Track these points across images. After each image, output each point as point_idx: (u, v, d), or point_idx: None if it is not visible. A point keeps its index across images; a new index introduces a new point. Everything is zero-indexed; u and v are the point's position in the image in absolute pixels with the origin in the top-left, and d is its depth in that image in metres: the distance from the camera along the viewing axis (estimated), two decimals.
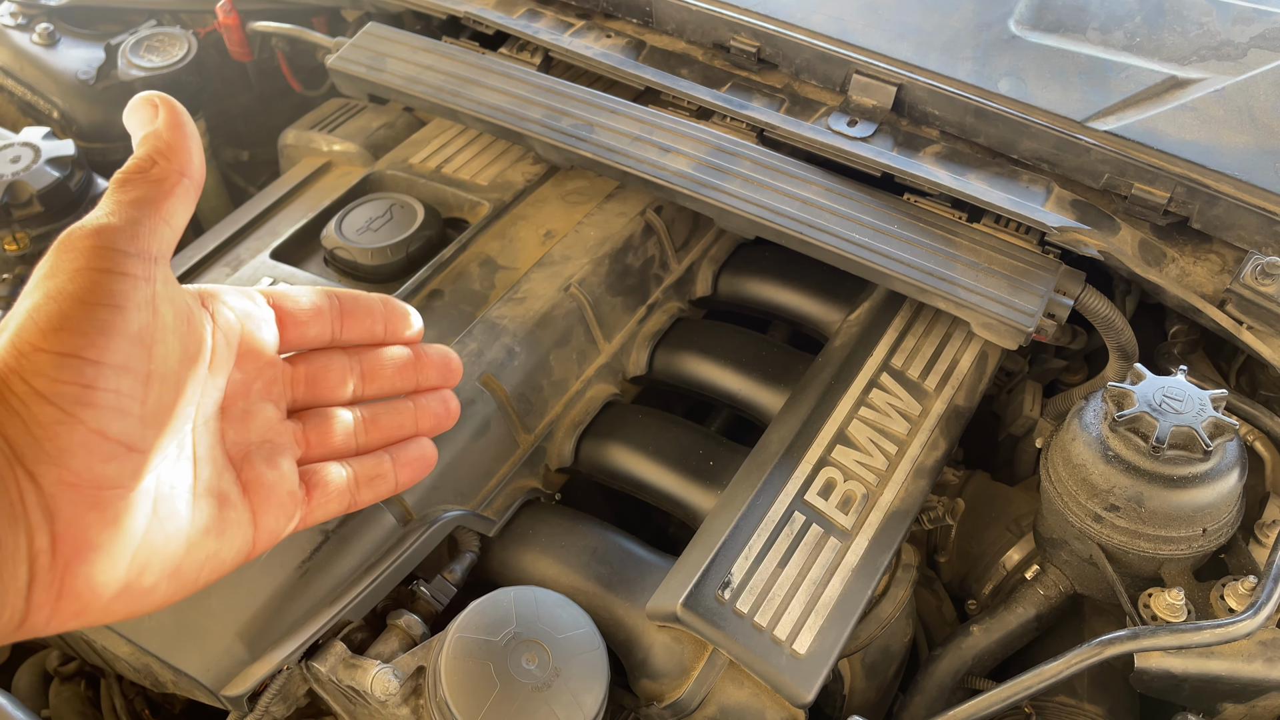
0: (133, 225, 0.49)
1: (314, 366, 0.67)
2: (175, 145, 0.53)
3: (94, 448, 0.46)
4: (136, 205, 0.50)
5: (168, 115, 0.54)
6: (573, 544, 0.99)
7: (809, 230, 1.05)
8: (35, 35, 1.49)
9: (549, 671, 0.83)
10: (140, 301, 0.47)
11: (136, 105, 0.55)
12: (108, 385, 0.46)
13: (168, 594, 0.51)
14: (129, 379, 0.47)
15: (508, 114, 1.18)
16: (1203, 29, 1.13)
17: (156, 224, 0.50)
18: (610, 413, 1.12)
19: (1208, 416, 0.89)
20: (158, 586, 0.50)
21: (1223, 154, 1.03)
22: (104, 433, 0.46)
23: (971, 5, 1.17)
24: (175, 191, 0.52)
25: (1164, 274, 1.04)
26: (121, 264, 0.47)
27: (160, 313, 0.49)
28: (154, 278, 0.49)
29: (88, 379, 0.45)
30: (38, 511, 0.45)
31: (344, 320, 0.66)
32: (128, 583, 0.49)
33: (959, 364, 1.09)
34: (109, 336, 0.46)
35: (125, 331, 0.46)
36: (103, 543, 0.47)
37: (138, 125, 0.54)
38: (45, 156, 1.27)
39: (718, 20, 1.21)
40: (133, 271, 0.48)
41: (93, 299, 0.46)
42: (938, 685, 1.02)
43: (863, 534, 0.95)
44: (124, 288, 0.47)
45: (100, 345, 0.46)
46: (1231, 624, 0.84)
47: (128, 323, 0.47)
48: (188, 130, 0.54)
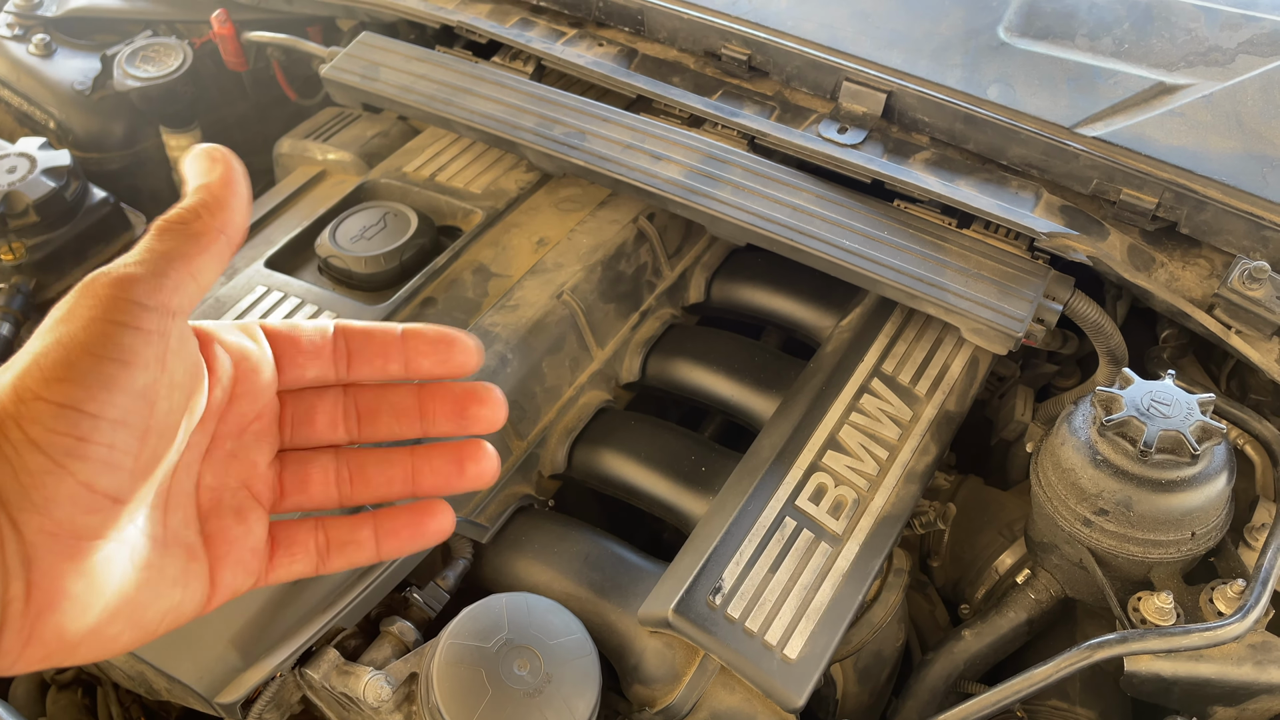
0: (157, 278, 0.48)
1: (301, 405, 0.61)
2: (223, 202, 0.52)
3: (79, 500, 0.46)
4: (167, 258, 0.49)
5: (224, 172, 0.53)
6: (565, 550, 0.99)
7: (800, 237, 1.06)
8: (32, 46, 1.50)
9: (541, 677, 0.83)
10: (150, 358, 0.47)
11: (198, 155, 0.54)
12: (102, 440, 0.46)
13: (129, 641, 0.51)
14: (125, 434, 0.46)
15: (500, 122, 1.18)
16: (1191, 35, 1.14)
17: (183, 279, 0.49)
18: (603, 419, 1.13)
19: (1195, 421, 0.89)
20: (121, 635, 0.50)
21: (1210, 159, 1.04)
22: (92, 486, 0.46)
23: (961, 12, 1.18)
24: (211, 249, 0.51)
25: (1152, 279, 1.04)
26: (138, 318, 0.47)
27: (169, 369, 0.48)
28: (169, 333, 0.48)
29: (83, 432, 0.45)
30: (15, 559, 0.45)
31: (350, 361, 0.60)
32: (95, 630, 0.49)
33: (950, 369, 1.09)
34: (111, 391, 0.46)
35: (129, 387, 0.46)
36: (76, 593, 0.47)
37: (194, 175, 0.54)
38: (41, 167, 1.28)
39: (709, 28, 1.22)
40: (147, 326, 0.47)
41: (101, 351, 0.46)
42: (929, 689, 1.02)
43: (854, 539, 0.95)
44: (135, 343, 0.47)
45: (101, 399, 0.45)
46: (1220, 627, 0.85)
47: (133, 379, 0.46)
48: (239, 190, 0.53)
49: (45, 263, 1.29)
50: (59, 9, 1.56)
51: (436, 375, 0.61)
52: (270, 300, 1.11)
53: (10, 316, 1.25)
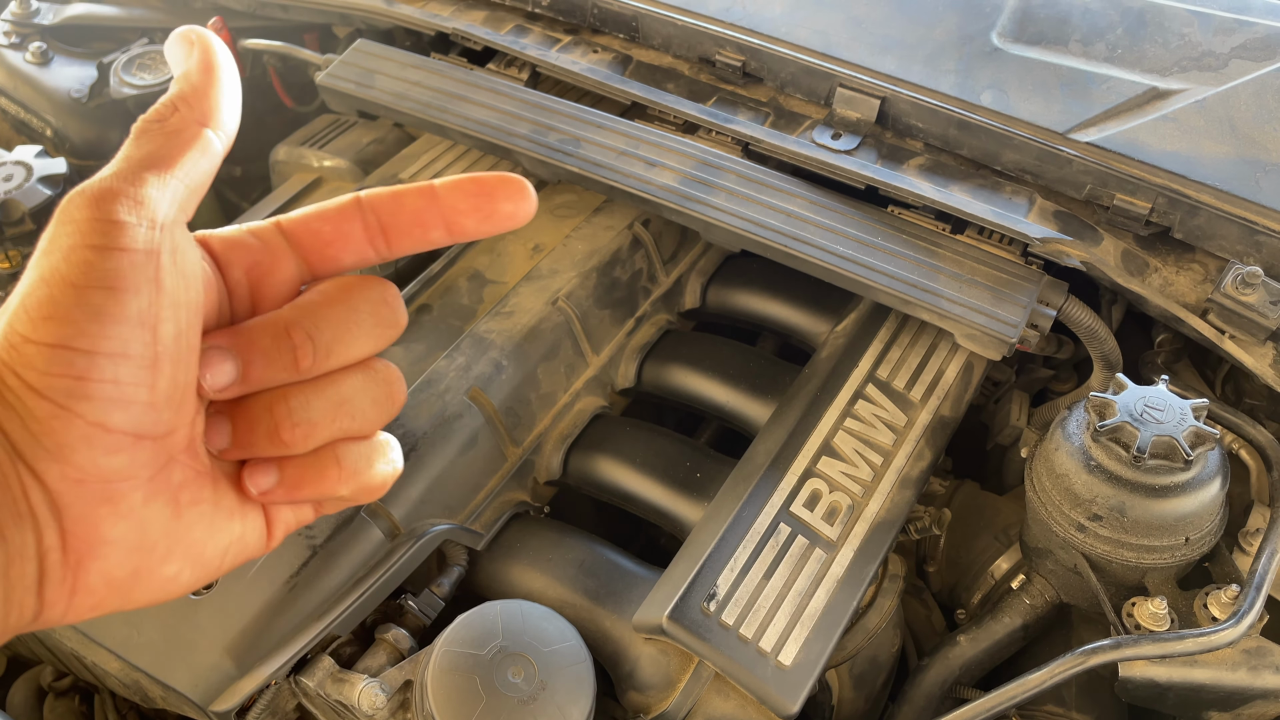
0: (138, 188, 0.44)
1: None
2: (202, 90, 0.47)
3: (96, 441, 0.42)
4: (146, 163, 0.44)
5: (201, 55, 0.48)
6: (560, 557, 0.99)
7: (794, 243, 1.06)
8: (28, 54, 1.50)
9: (535, 685, 0.83)
10: (140, 280, 0.43)
11: (174, 40, 0.49)
12: (104, 376, 0.42)
13: (191, 580, 0.48)
14: (130, 366, 0.42)
15: (495, 129, 1.18)
16: (1184, 40, 1.14)
17: (167, 183, 0.44)
18: (598, 425, 1.13)
19: (1188, 426, 0.89)
20: (180, 574, 0.47)
21: (1204, 164, 1.04)
22: (105, 425, 0.42)
23: (954, 18, 1.18)
24: (194, 144, 0.46)
25: (1146, 284, 1.04)
26: (121, 238, 0.42)
27: (166, 288, 0.44)
28: (158, 249, 0.43)
29: (79, 370, 0.42)
30: (44, 508, 0.42)
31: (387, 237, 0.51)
32: (149, 571, 0.46)
33: (944, 375, 1.09)
34: (102, 323, 0.42)
35: (121, 316, 0.42)
36: (117, 537, 0.44)
37: (174, 63, 0.49)
38: (37, 175, 1.28)
39: (703, 35, 1.22)
40: (133, 245, 0.43)
41: (85, 281, 0.42)
42: (925, 695, 1.02)
43: (848, 545, 0.95)
44: (120, 265, 0.42)
45: (92, 333, 0.42)
46: (1214, 633, 0.85)
47: (124, 306, 0.42)
48: (219, 73, 0.48)
49: None
50: (56, 17, 1.56)
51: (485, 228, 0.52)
52: None
53: None
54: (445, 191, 0.51)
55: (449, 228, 0.52)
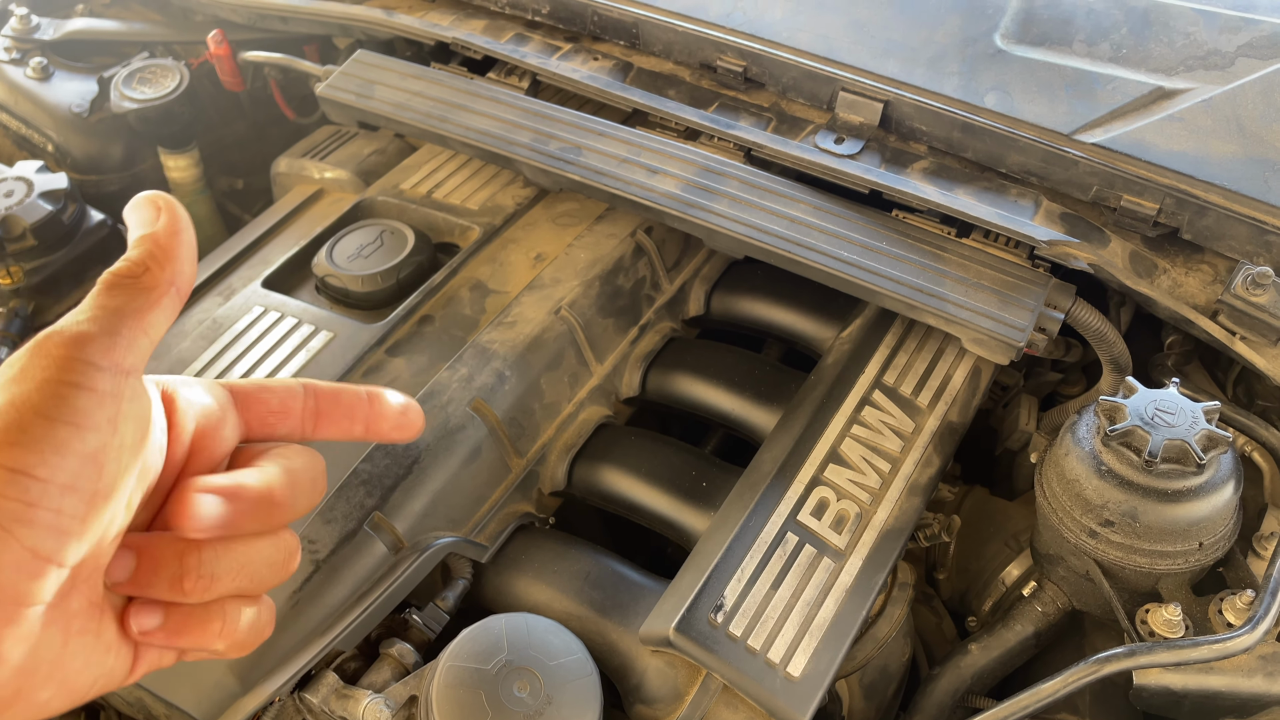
0: (110, 337, 0.47)
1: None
2: (171, 253, 0.51)
3: (23, 566, 0.44)
4: (119, 314, 0.48)
5: (168, 221, 0.52)
6: (565, 569, 0.98)
7: (797, 249, 1.05)
8: (29, 69, 1.50)
9: (541, 699, 0.82)
10: (101, 420, 0.46)
11: (139, 204, 0.53)
12: (50, 505, 0.44)
13: (57, 707, 0.49)
14: (73, 499, 0.45)
15: (496, 138, 1.18)
16: (1189, 39, 1.13)
17: (136, 336, 0.48)
18: (603, 435, 1.12)
19: (1200, 429, 0.88)
20: (51, 701, 0.48)
21: (1211, 164, 1.03)
22: (36, 551, 0.44)
23: (957, 20, 1.17)
24: (162, 303, 0.50)
25: (1155, 286, 1.03)
26: (91, 379, 0.46)
27: (120, 432, 0.47)
28: (121, 395, 0.47)
29: (32, 497, 0.44)
30: None
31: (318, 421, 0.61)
32: (27, 694, 0.47)
33: (952, 380, 1.08)
34: (62, 455, 0.45)
35: (80, 451, 0.45)
36: (11, 657, 0.45)
37: (137, 224, 0.53)
38: (38, 190, 1.28)
39: (704, 40, 1.21)
40: (101, 387, 0.46)
41: (55, 414, 0.45)
42: (936, 705, 1.01)
43: (856, 553, 0.94)
44: (89, 404, 0.46)
45: (52, 464, 0.44)
46: (1229, 639, 0.84)
47: (84, 442, 0.45)
48: (185, 238, 0.52)
49: (43, 286, 1.29)
50: (56, 32, 1.56)
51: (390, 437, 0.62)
52: (267, 321, 1.11)
53: (9, 340, 1.25)
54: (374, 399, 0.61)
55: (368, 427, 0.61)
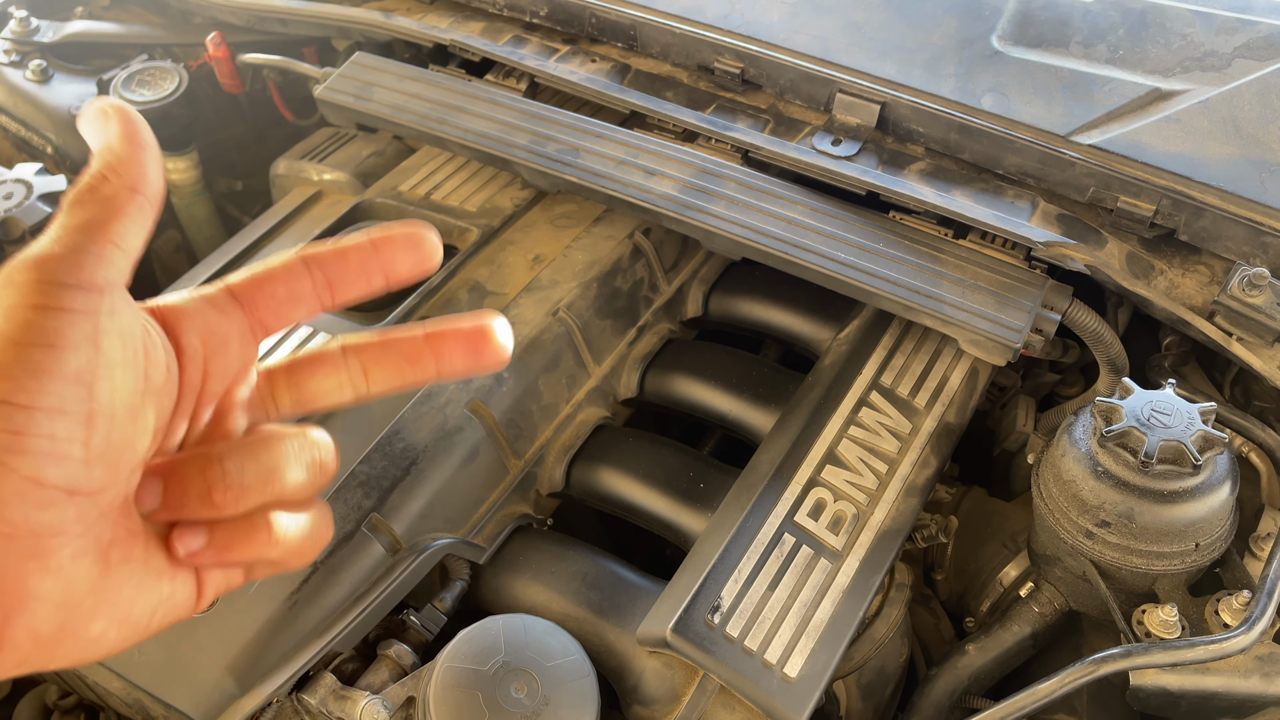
0: (76, 253, 0.45)
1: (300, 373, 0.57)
2: (128, 159, 0.49)
3: (29, 496, 0.43)
4: (82, 230, 0.46)
5: (120, 126, 0.50)
6: (563, 570, 0.99)
7: (795, 250, 1.05)
8: (29, 72, 1.51)
9: (538, 700, 0.82)
10: (78, 339, 0.44)
11: (89, 115, 0.51)
12: (39, 430, 0.43)
13: (117, 640, 0.49)
14: (65, 422, 0.44)
15: (494, 140, 1.18)
16: (1186, 40, 1.13)
17: (104, 249, 0.46)
18: (601, 436, 1.12)
19: (1196, 430, 0.88)
20: (106, 634, 0.48)
21: (1208, 165, 1.03)
22: (39, 480, 0.43)
23: (954, 22, 1.18)
24: (127, 210, 0.48)
25: (1152, 287, 1.03)
26: (59, 298, 0.44)
27: (104, 348, 0.45)
28: (97, 310, 0.45)
29: (17, 425, 0.43)
30: None
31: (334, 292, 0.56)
32: (74, 630, 0.46)
33: (949, 381, 1.08)
34: (40, 379, 0.43)
35: (60, 372, 0.44)
36: (44, 593, 0.44)
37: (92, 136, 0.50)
38: (38, 192, 1.28)
39: (702, 42, 1.22)
40: (72, 305, 0.44)
41: (25, 339, 0.43)
42: (934, 705, 1.01)
43: (854, 554, 0.94)
44: (60, 324, 0.44)
45: (30, 389, 0.43)
46: (1225, 640, 0.84)
47: (63, 363, 0.44)
48: (141, 140, 0.50)
49: None
50: (55, 34, 1.56)
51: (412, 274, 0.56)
52: None
53: None
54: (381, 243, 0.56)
55: (388, 276, 0.56)
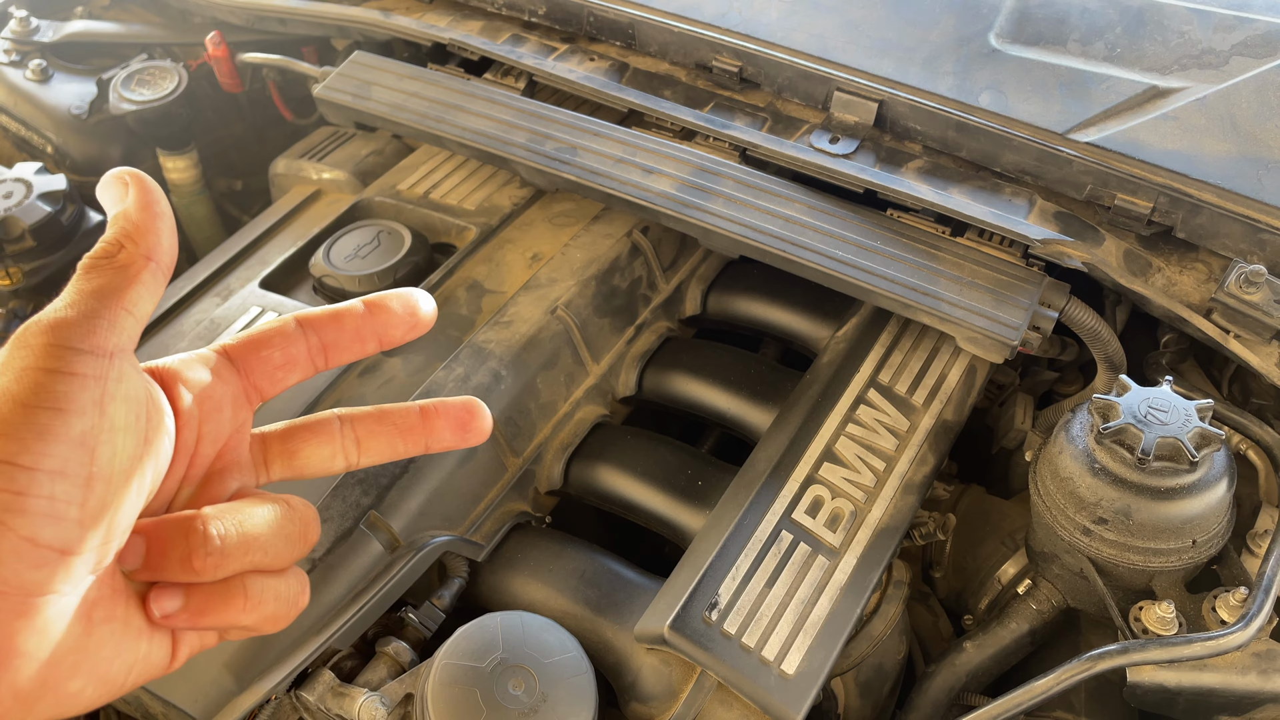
0: (90, 319, 0.46)
1: (295, 440, 0.59)
2: (144, 227, 0.50)
3: (24, 555, 0.44)
4: (97, 296, 0.47)
5: (137, 194, 0.51)
6: (561, 567, 0.99)
7: (792, 248, 1.05)
8: (29, 71, 1.51)
9: (535, 697, 0.82)
10: (85, 404, 0.45)
11: (108, 182, 0.52)
12: (40, 492, 0.44)
13: (93, 698, 0.49)
14: (65, 484, 0.45)
15: (492, 139, 1.18)
16: (1184, 38, 1.13)
17: (116, 315, 0.47)
18: (599, 434, 1.12)
19: (1193, 427, 0.88)
20: (84, 691, 0.48)
21: (1205, 163, 1.03)
22: (34, 539, 0.44)
23: (952, 20, 1.18)
24: (140, 278, 0.49)
25: (1149, 284, 1.03)
26: (71, 363, 0.45)
27: (109, 413, 0.46)
28: (105, 376, 0.46)
29: (20, 486, 0.44)
30: None
31: (327, 355, 0.58)
32: (54, 687, 0.47)
33: (947, 378, 1.08)
34: (46, 441, 0.44)
35: (65, 436, 0.45)
36: (29, 650, 0.45)
37: (109, 203, 0.52)
38: (37, 192, 1.29)
39: (700, 41, 1.22)
40: (81, 371, 0.45)
41: (34, 401, 0.44)
42: (931, 702, 1.01)
43: (851, 552, 0.94)
44: (69, 389, 0.45)
45: (36, 451, 0.44)
46: (1222, 636, 0.84)
47: (69, 427, 0.45)
48: (157, 209, 0.51)
49: (42, 287, 1.30)
50: (55, 34, 1.57)
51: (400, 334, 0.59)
52: (265, 321, 1.11)
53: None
54: (376, 309, 0.58)
55: (381, 340, 0.59)
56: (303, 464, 0.60)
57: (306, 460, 0.59)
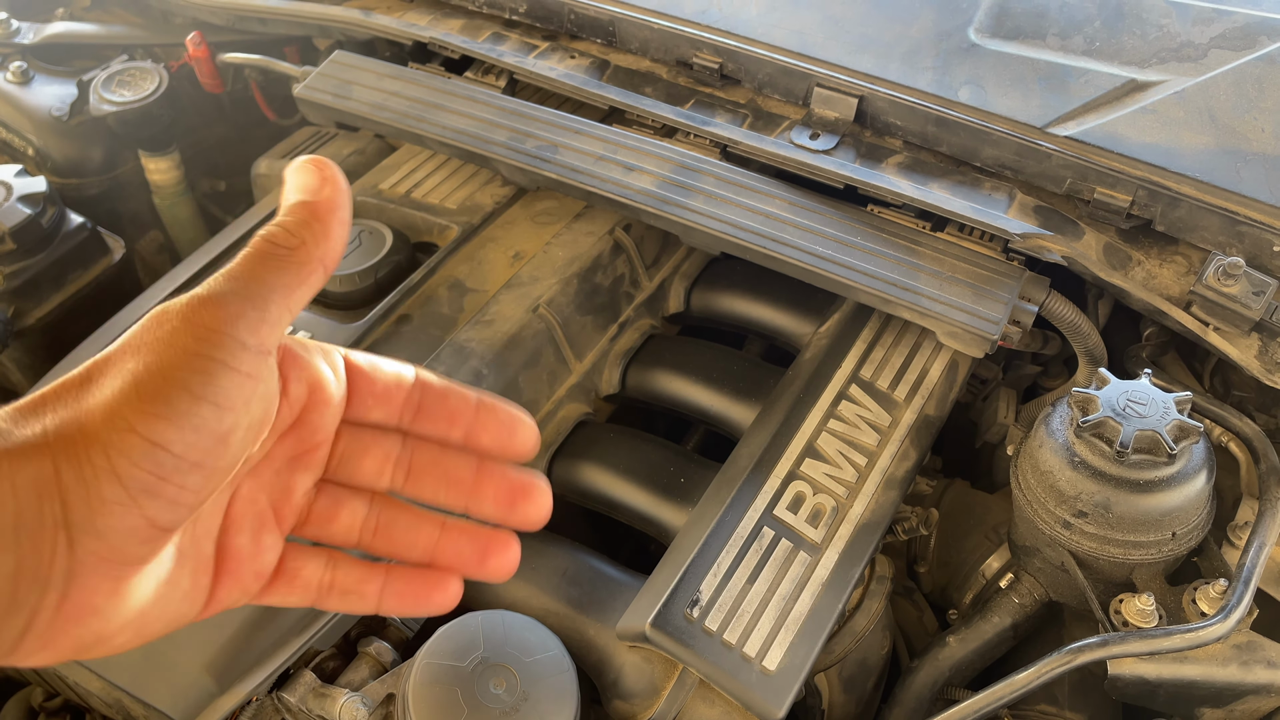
0: (259, 311, 0.46)
1: (357, 443, 0.58)
2: (329, 230, 0.50)
3: (139, 533, 0.45)
4: (270, 288, 0.47)
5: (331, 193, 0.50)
6: (544, 566, 0.99)
7: (773, 244, 1.05)
8: (9, 74, 1.50)
9: (517, 695, 0.82)
10: (239, 401, 0.46)
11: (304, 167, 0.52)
12: (178, 480, 0.45)
13: (129, 644, 0.50)
14: (198, 475, 0.45)
15: (473, 137, 1.18)
16: (1162, 31, 1.13)
17: (282, 314, 0.47)
18: (582, 433, 1.12)
19: (1172, 419, 0.88)
20: (125, 639, 0.49)
21: (1184, 156, 1.03)
22: (155, 520, 0.45)
23: (931, 15, 1.18)
24: (312, 281, 0.49)
25: (1129, 277, 1.04)
26: (238, 358, 0.45)
27: (251, 411, 0.47)
28: (260, 376, 0.47)
29: (165, 472, 0.44)
30: (60, 574, 0.44)
31: (418, 414, 0.57)
32: (107, 640, 0.48)
33: (929, 373, 1.08)
34: (200, 434, 0.45)
35: (215, 430, 0.45)
36: (104, 609, 0.46)
37: (297, 189, 0.51)
38: (17, 194, 1.28)
39: (680, 38, 1.22)
40: (245, 369, 0.46)
41: (201, 392, 0.44)
42: (915, 697, 1.02)
43: (833, 547, 0.94)
44: (230, 385, 0.45)
45: (189, 441, 0.44)
46: (1202, 628, 0.84)
47: (221, 422, 0.45)
48: (343, 215, 0.51)
49: (23, 290, 1.29)
50: (36, 36, 1.56)
51: (491, 452, 0.58)
52: None
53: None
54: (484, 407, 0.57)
55: (468, 434, 0.57)
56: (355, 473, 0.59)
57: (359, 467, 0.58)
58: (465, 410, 0.57)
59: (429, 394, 0.57)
